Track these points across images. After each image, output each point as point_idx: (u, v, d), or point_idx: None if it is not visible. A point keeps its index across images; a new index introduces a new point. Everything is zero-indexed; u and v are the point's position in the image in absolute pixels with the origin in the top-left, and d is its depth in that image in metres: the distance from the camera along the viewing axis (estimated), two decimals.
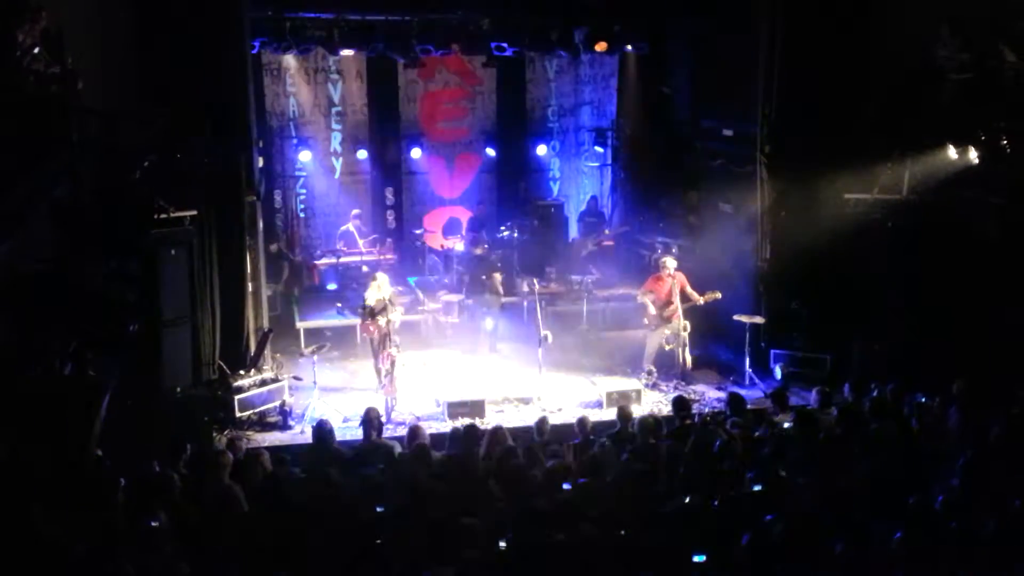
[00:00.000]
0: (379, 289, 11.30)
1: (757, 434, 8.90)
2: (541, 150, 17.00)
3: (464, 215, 16.28)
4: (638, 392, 11.20)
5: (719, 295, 11.97)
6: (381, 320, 11.02)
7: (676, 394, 10.62)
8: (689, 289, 11.98)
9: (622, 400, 10.59)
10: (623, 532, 6.54)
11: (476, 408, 10.63)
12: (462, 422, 9.71)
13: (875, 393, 9.37)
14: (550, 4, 14.27)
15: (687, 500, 6.83)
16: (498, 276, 12.85)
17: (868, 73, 11.49)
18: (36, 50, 6.61)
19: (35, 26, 6.75)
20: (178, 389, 10.28)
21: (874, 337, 11.49)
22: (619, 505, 7.13)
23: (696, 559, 6.36)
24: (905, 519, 6.67)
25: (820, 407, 9.41)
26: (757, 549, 6.20)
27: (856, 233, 11.46)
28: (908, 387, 9.34)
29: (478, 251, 13.68)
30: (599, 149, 17.05)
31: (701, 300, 11.90)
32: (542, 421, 9.19)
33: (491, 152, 16.72)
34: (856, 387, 9.64)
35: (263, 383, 10.78)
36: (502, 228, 15.35)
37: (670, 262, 12.08)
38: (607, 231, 16.30)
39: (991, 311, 10.46)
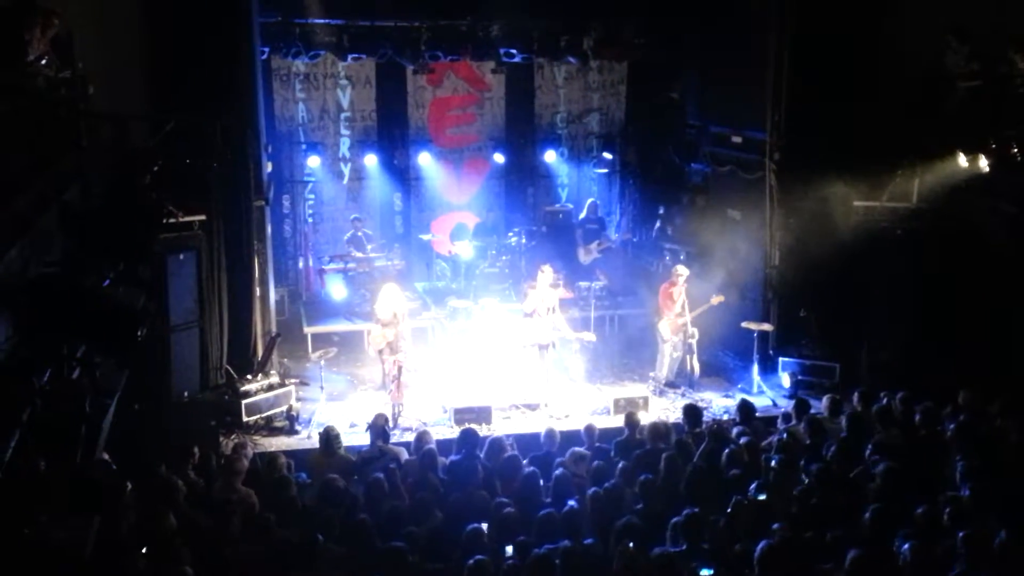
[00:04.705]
0: (389, 301, 11.24)
1: (765, 443, 8.87)
2: (550, 156, 16.98)
3: (472, 220, 16.28)
4: (645, 399, 11.17)
5: (723, 298, 11.92)
6: (389, 332, 11.00)
7: (686, 402, 10.59)
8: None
9: (629, 407, 10.56)
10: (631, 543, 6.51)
11: (483, 414, 10.61)
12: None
13: (884, 401, 9.33)
14: (559, 11, 14.27)
15: (695, 511, 6.80)
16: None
17: (877, 80, 11.45)
18: (45, 60, 6.62)
19: (46, 31, 6.77)
20: (186, 394, 10.29)
21: (883, 345, 11.44)
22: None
23: (704, 572, 6.35)
24: (914, 529, 6.65)
25: (830, 415, 9.37)
26: (765, 560, 6.17)
27: (865, 241, 11.43)
28: (917, 396, 9.29)
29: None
30: (608, 155, 17.03)
31: (695, 313, 11.81)
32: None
33: (499, 158, 16.71)
34: (864, 396, 9.60)
35: (270, 388, 10.78)
36: (510, 234, 15.33)
37: (683, 270, 12.03)
38: (616, 235, 16.28)
39: (1002, 319, 10.41)
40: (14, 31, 6.25)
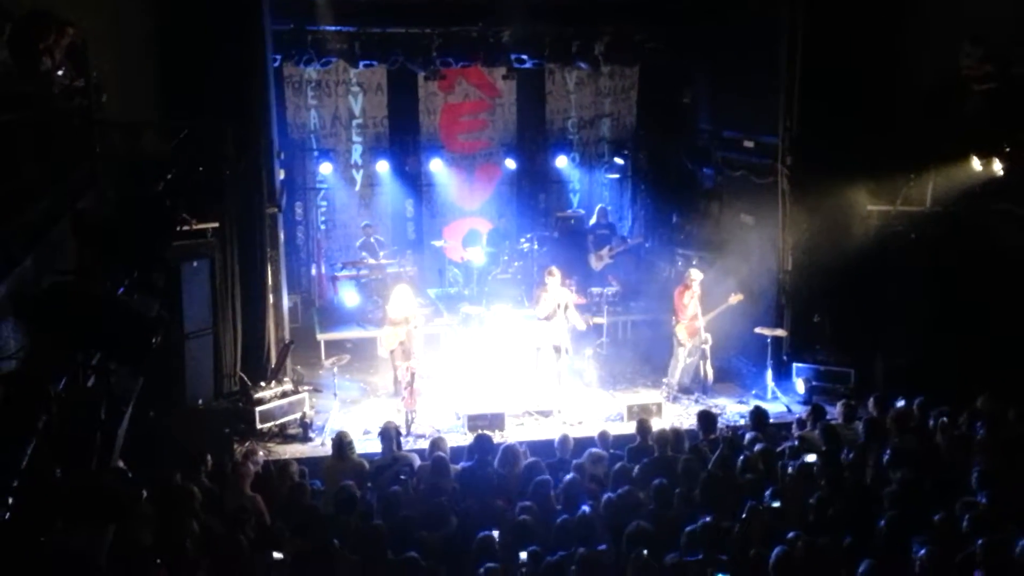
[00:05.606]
0: (401, 302, 11.24)
1: (779, 449, 8.83)
2: (561, 162, 16.99)
3: (484, 226, 16.29)
4: (659, 405, 11.12)
5: (741, 296, 11.86)
6: (401, 331, 11.00)
7: (700, 408, 10.55)
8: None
9: (643, 413, 10.53)
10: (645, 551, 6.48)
11: (496, 421, 10.59)
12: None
13: (900, 407, 9.27)
14: (570, 16, 14.28)
15: (709, 519, 6.77)
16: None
17: (891, 84, 11.40)
18: (62, 71, 6.66)
19: (61, 40, 6.80)
20: (200, 401, 10.31)
21: (898, 350, 11.37)
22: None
23: None
24: (932, 535, 6.60)
25: (845, 421, 9.32)
26: (779, 566, 6.14)
27: (879, 245, 11.37)
28: (933, 401, 9.23)
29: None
30: (619, 160, 17.03)
31: (712, 314, 11.79)
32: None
33: (511, 164, 16.73)
34: (880, 401, 9.54)
35: (284, 395, 10.79)
36: (522, 240, 15.33)
37: (697, 274, 11.99)
38: (628, 240, 16.26)
39: (1017, 322, 10.33)
40: (30, 41, 6.28)
